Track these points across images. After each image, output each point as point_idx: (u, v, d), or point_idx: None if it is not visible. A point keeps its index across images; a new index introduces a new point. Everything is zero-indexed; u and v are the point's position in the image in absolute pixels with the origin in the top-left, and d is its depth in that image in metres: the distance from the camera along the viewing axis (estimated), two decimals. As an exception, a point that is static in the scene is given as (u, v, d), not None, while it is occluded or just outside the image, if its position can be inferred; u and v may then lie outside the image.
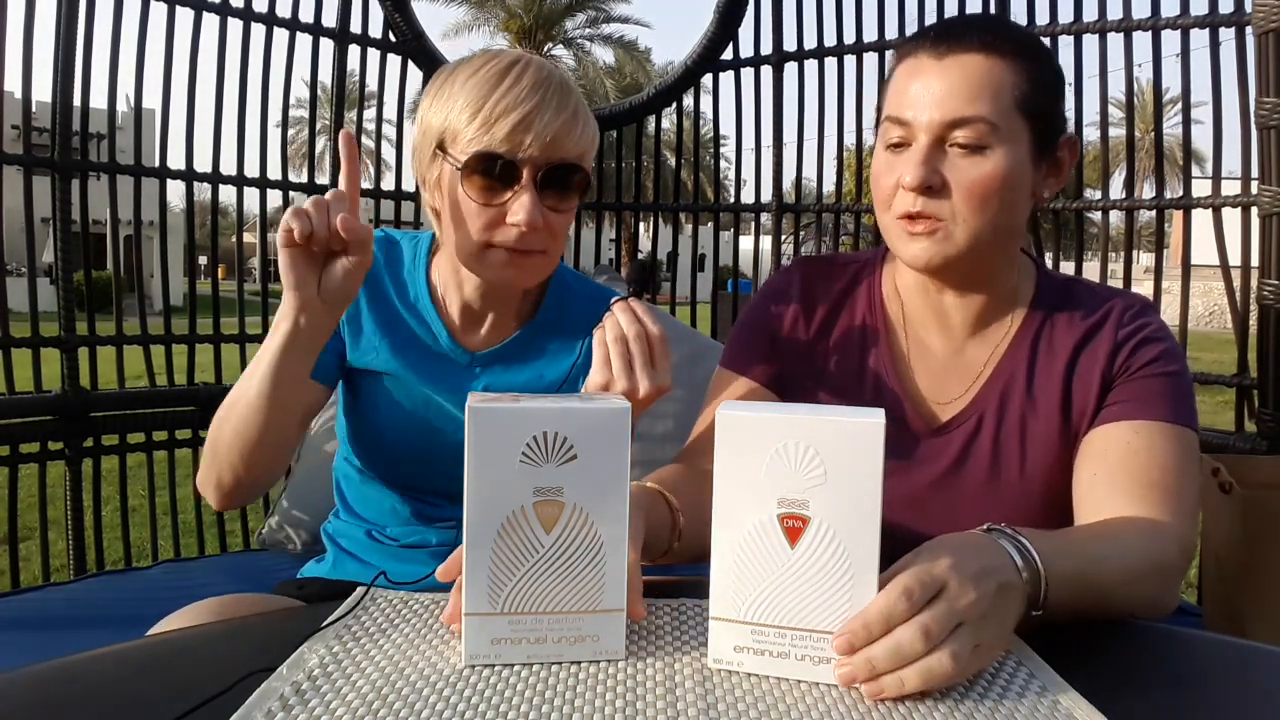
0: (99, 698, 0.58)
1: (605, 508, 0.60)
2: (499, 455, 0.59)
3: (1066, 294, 1.00)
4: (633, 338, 0.87)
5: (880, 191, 0.95)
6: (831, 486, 0.58)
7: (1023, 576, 0.64)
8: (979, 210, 0.89)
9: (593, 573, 0.61)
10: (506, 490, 0.59)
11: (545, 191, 0.96)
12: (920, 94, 0.90)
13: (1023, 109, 0.89)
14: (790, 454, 0.58)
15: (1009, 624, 0.62)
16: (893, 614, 0.56)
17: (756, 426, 0.59)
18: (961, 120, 0.88)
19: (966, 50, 0.89)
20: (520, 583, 0.60)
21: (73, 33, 1.72)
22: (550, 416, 0.59)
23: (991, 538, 0.66)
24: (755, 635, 0.60)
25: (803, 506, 0.58)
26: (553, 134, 0.93)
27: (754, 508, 0.59)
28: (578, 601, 0.61)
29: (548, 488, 0.59)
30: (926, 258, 0.91)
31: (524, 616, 0.60)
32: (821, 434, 0.58)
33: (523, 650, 0.60)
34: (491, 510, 0.59)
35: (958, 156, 0.89)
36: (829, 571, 0.58)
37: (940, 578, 0.58)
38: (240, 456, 0.97)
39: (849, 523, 0.58)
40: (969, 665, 0.57)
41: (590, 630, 0.61)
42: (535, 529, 0.60)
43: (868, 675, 0.56)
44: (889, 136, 0.93)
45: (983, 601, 0.58)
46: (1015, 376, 0.97)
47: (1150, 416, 0.90)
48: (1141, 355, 0.93)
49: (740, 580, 0.60)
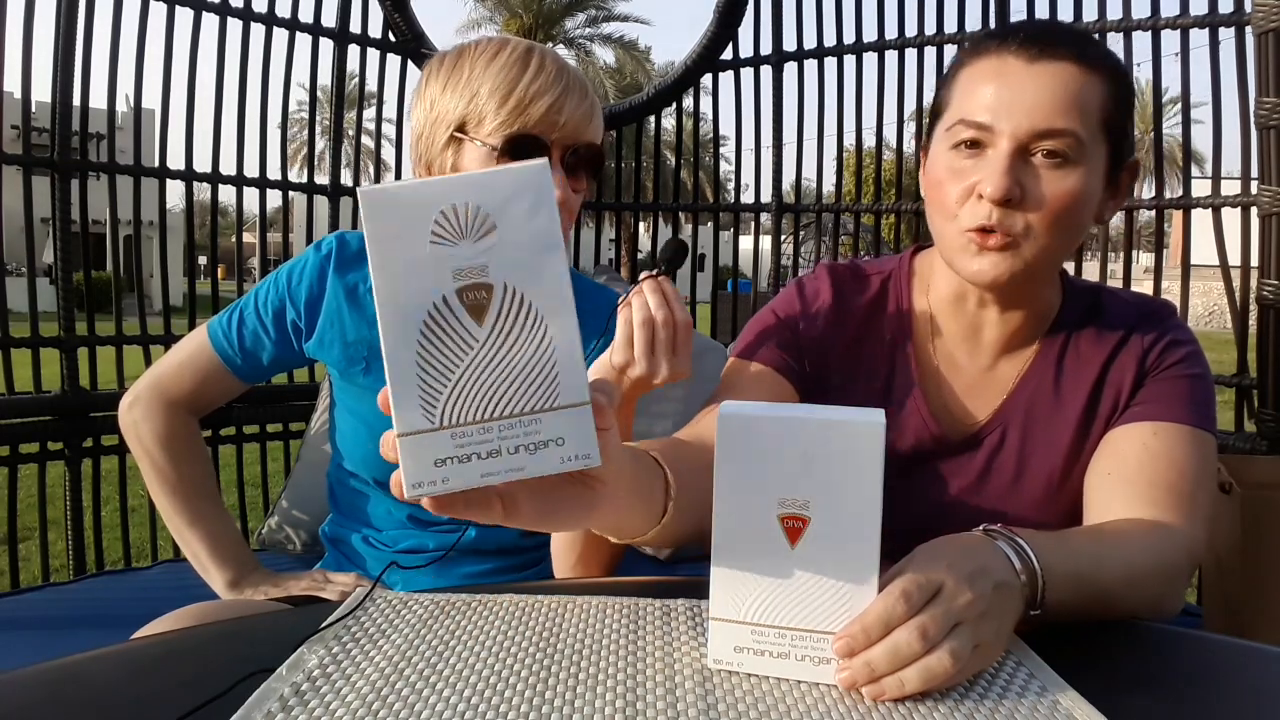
0: (99, 698, 0.58)
1: (541, 285, 0.50)
2: (405, 240, 0.49)
3: (1094, 304, 0.97)
4: (660, 323, 0.85)
5: (944, 197, 0.87)
6: (831, 486, 0.57)
7: (1020, 577, 0.64)
8: (1053, 227, 0.84)
9: (541, 363, 0.50)
10: (421, 280, 0.49)
11: (569, 171, 1.02)
12: (1007, 97, 0.83)
13: (1106, 126, 0.85)
14: (791, 454, 0.58)
15: (1008, 624, 0.62)
16: (891, 617, 0.56)
17: (757, 426, 0.59)
18: (1053, 131, 0.82)
19: (1062, 58, 0.83)
20: (459, 388, 0.50)
21: (72, 32, 1.72)
22: (455, 186, 0.50)
23: (988, 539, 0.66)
24: (755, 636, 0.60)
25: (803, 506, 0.58)
26: (580, 116, 1.00)
27: (754, 508, 0.59)
28: (530, 400, 0.50)
29: (469, 268, 0.49)
30: (995, 275, 0.85)
31: (469, 428, 0.50)
32: (822, 434, 0.58)
33: (474, 468, 0.50)
34: (408, 308, 0.49)
35: (1043, 168, 0.83)
36: (829, 572, 0.58)
37: (936, 579, 0.58)
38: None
39: (849, 523, 0.57)
40: (969, 665, 0.57)
41: (550, 432, 0.50)
42: (464, 321, 0.50)
43: (867, 678, 0.56)
44: (959, 137, 0.86)
45: (980, 601, 0.58)
46: (1041, 388, 0.95)
47: (1170, 418, 0.88)
48: (1169, 356, 0.92)
49: (740, 580, 0.60)
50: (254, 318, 1.13)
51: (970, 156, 0.86)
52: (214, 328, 1.15)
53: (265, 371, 1.17)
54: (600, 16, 30.45)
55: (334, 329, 1.10)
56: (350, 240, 1.12)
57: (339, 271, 1.10)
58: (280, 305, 1.12)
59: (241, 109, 2.00)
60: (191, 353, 1.16)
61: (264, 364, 1.15)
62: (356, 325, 1.09)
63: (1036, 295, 0.94)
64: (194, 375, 1.15)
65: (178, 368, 1.16)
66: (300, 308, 1.11)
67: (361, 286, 1.10)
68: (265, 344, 1.13)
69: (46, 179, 1.74)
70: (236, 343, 1.13)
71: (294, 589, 1.10)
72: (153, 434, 1.14)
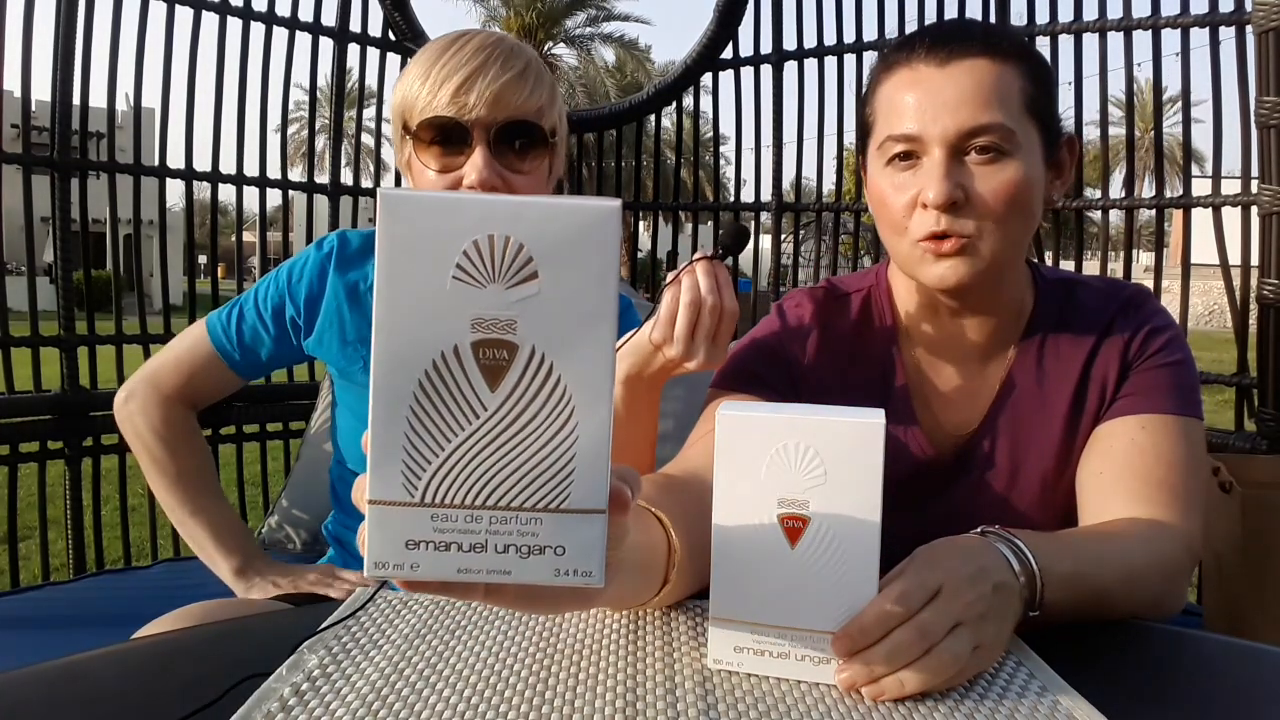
0: (99, 698, 0.58)
1: (578, 359, 0.40)
2: (422, 268, 0.39)
3: (1068, 297, 0.96)
4: (708, 308, 0.83)
5: (891, 214, 0.87)
6: (831, 486, 0.57)
7: (1019, 578, 0.63)
8: (1005, 220, 0.84)
9: (557, 454, 0.41)
10: (432, 322, 0.39)
11: (501, 152, 0.96)
12: (927, 104, 0.84)
13: (1031, 111, 0.85)
14: (790, 454, 0.58)
15: (1008, 625, 0.62)
16: (890, 617, 0.56)
17: (756, 426, 0.58)
18: (980, 128, 0.82)
19: (971, 55, 0.84)
20: (451, 462, 0.41)
21: (72, 32, 1.72)
22: (498, 213, 0.39)
23: (986, 540, 0.66)
24: (755, 636, 0.60)
25: (803, 506, 0.58)
26: (496, 91, 0.93)
27: (754, 507, 0.59)
28: (533, 495, 0.41)
29: (493, 319, 0.39)
30: (957, 278, 0.85)
31: (454, 511, 0.41)
32: (822, 433, 0.57)
33: (451, 561, 0.41)
34: (410, 351, 0.40)
35: (978, 166, 0.83)
36: (829, 571, 0.58)
37: (935, 580, 0.58)
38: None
39: (849, 523, 0.57)
40: (968, 667, 0.57)
41: (550, 538, 0.41)
42: (474, 382, 0.40)
43: (866, 679, 0.56)
44: (890, 152, 0.86)
45: (979, 602, 0.58)
46: (1025, 390, 0.94)
47: (1157, 410, 0.88)
48: (1150, 345, 0.92)
49: (740, 581, 0.60)
50: (254, 314, 1.13)
51: (906, 169, 0.86)
52: (213, 322, 1.15)
53: (263, 368, 1.17)
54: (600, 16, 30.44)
55: (333, 327, 1.10)
56: (352, 239, 1.12)
57: (340, 270, 1.10)
58: (280, 302, 1.12)
59: (241, 108, 2.00)
60: (189, 347, 1.16)
61: (262, 360, 1.15)
62: (356, 324, 1.09)
63: (1006, 295, 0.94)
64: (190, 369, 1.15)
65: (174, 362, 1.16)
66: (300, 305, 1.11)
67: (362, 285, 1.10)
68: (264, 340, 1.13)
69: (46, 178, 1.75)
70: (235, 338, 1.13)
71: (302, 580, 1.10)
72: (149, 426, 1.13)
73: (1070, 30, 1.88)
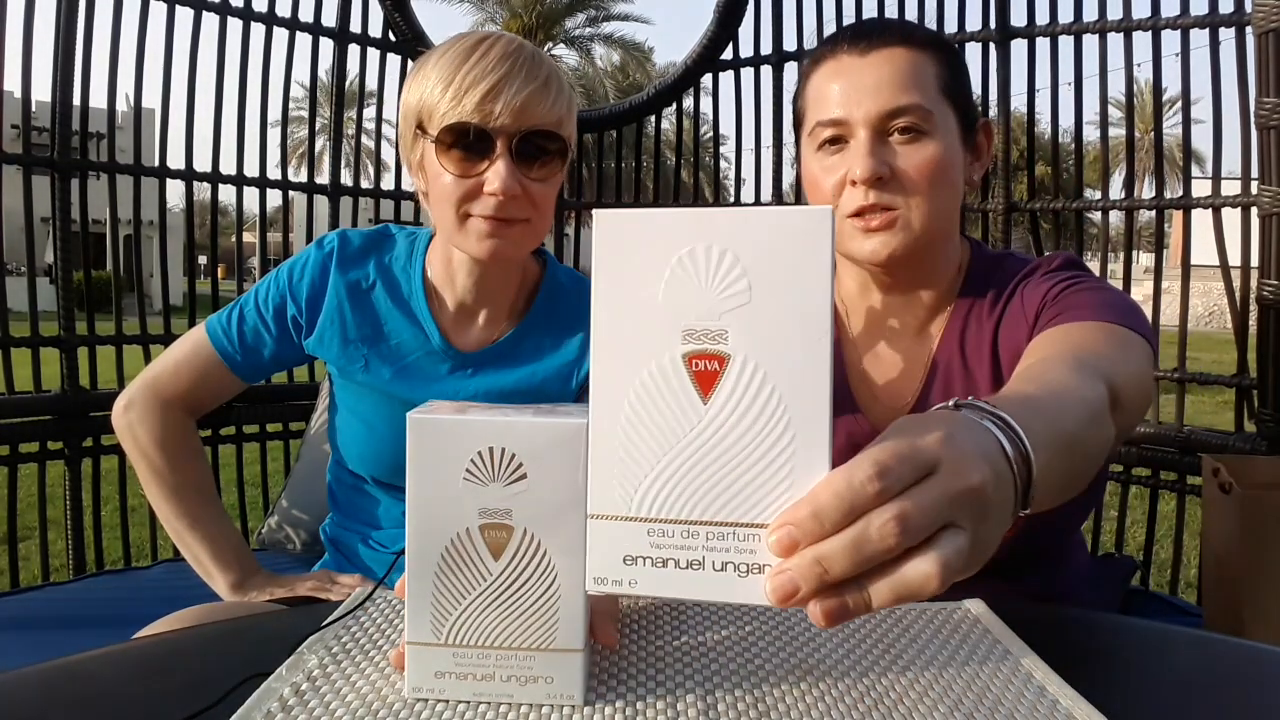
0: (99, 698, 0.58)
1: (559, 535, 0.53)
2: (441, 471, 0.52)
3: (996, 267, 0.99)
4: None
5: (821, 195, 0.94)
6: (759, 307, 0.40)
7: (1012, 467, 0.46)
8: (930, 193, 0.90)
9: (545, 607, 0.54)
10: (450, 510, 0.53)
11: (522, 160, 0.97)
12: (850, 90, 0.91)
13: (947, 95, 0.92)
14: (700, 264, 0.41)
15: (1001, 531, 0.45)
16: (856, 496, 0.38)
17: (651, 227, 0.42)
18: (900, 109, 0.89)
19: (889, 44, 0.92)
20: (466, 613, 0.54)
21: (72, 32, 1.72)
22: (494, 430, 0.52)
23: (974, 417, 0.48)
24: (654, 537, 0.42)
25: (719, 339, 0.41)
26: (522, 101, 0.94)
27: (648, 346, 0.42)
28: (528, 638, 0.54)
29: (494, 509, 0.53)
30: (888, 251, 0.91)
31: (469, 650, 0.55)
32: (745, 233, 0.41)
33: (468, 687, 0.55)
34: (434, 531, 0.53)
35: (901, 145, 0.90)
36: (760, 436, 0.41)
37: (930, 453, 0.40)
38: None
39: (787, 362, 0.40)
40: (954, 578, 0.40)
41: (542, 670, 0.54)
42: (482, 555, 0.53)
43: (816, 584, 0.38)
44: (820, 138, 0.93)
45: (986, 489, 0.42)
46: (952, 359, 0.97)
47: (1089, 319, 0.80)
48: (1059, 282, 0.89)
49: (630, 457, 0.42)
50: (254, 314, 1.13)
51: (835, 153, 0.93)
52: (213, 325, 1.15)
53: (265, 369, 1.17)
54: (600, 16, 30.46)
55: (334, 326, 1.10)
56: (352, 238, 1.12)
57: (340, 269, 1.10)
58: (281, 301, 1.12)
59: (241, 108, 2.00)
60: (189, 351, 1.15)
61: (264, 360, 1.15)
62: (357, 323, 1.09)
63: (938, 270, 0.98)
64: (191, 374, 1.15)
65: (174, 367, 1.15)
66: (301, 304, 1.10)
67: (364, 284, 1.10)
68: (266, 340, 1.13)
69: (46, 178, 1.74)
70: (236, 339, 1.13)
71: (299, 589, 1.10)
72: (150, 436, 1.13)
73: (1070, 31, 1.88)
